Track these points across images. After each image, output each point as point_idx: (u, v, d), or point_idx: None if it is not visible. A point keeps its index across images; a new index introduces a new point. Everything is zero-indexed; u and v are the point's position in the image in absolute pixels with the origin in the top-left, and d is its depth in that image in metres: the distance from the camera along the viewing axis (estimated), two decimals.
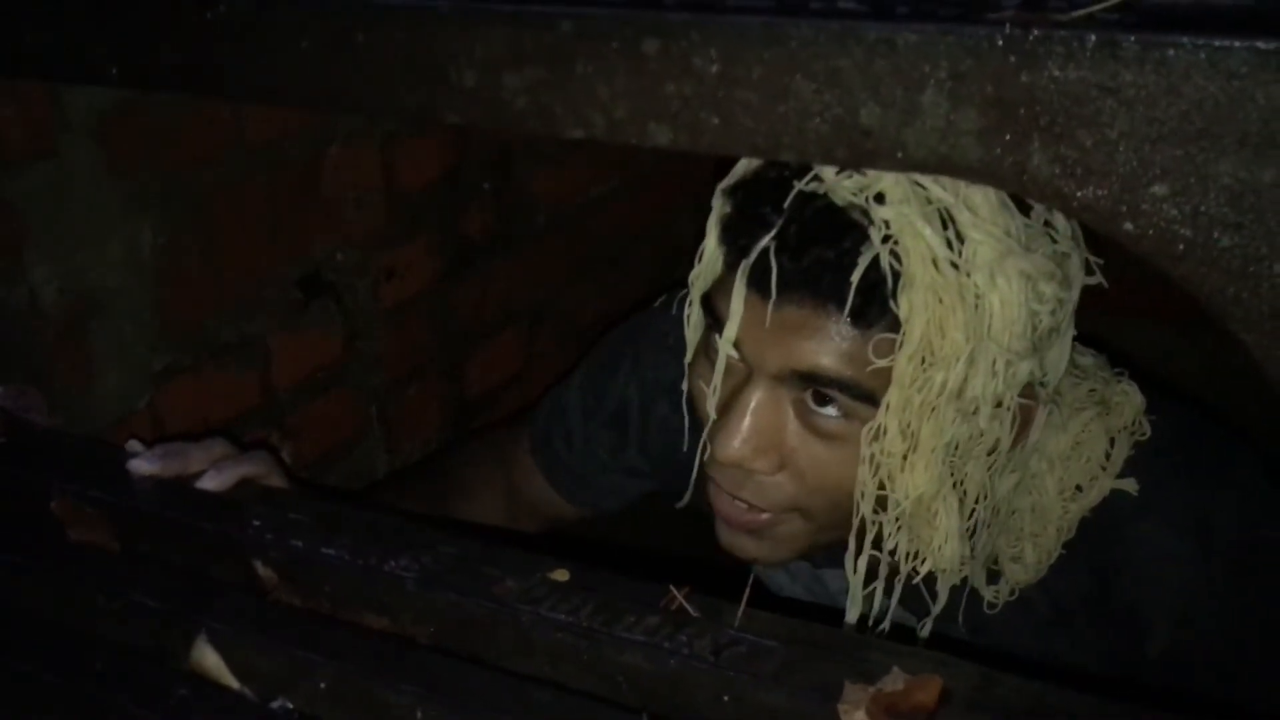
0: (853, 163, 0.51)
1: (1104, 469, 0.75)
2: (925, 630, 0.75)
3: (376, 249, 1.20)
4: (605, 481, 1.00)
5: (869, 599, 0.72)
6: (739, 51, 0.51)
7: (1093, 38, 0.45)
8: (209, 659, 0.62)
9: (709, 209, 0.72)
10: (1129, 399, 0.76)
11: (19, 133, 0.88)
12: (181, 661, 0.63)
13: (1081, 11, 0.46)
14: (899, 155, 0.50)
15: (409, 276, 1.25)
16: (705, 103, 0.52)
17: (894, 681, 0.57)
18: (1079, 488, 0.75)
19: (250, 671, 0.62)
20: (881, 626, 0.73)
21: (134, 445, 0.82)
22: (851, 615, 0.73)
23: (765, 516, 0.72)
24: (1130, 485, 0.75)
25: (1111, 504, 0.75)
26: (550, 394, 1.04)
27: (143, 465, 0.79)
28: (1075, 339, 0.73)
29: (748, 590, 0.63)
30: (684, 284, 0.89)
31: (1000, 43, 0.46)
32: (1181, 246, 0.46)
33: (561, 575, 0.66)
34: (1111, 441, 0.75)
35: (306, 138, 1.10)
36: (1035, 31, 0.46)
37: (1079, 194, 0.47)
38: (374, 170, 1.18)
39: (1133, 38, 0.44)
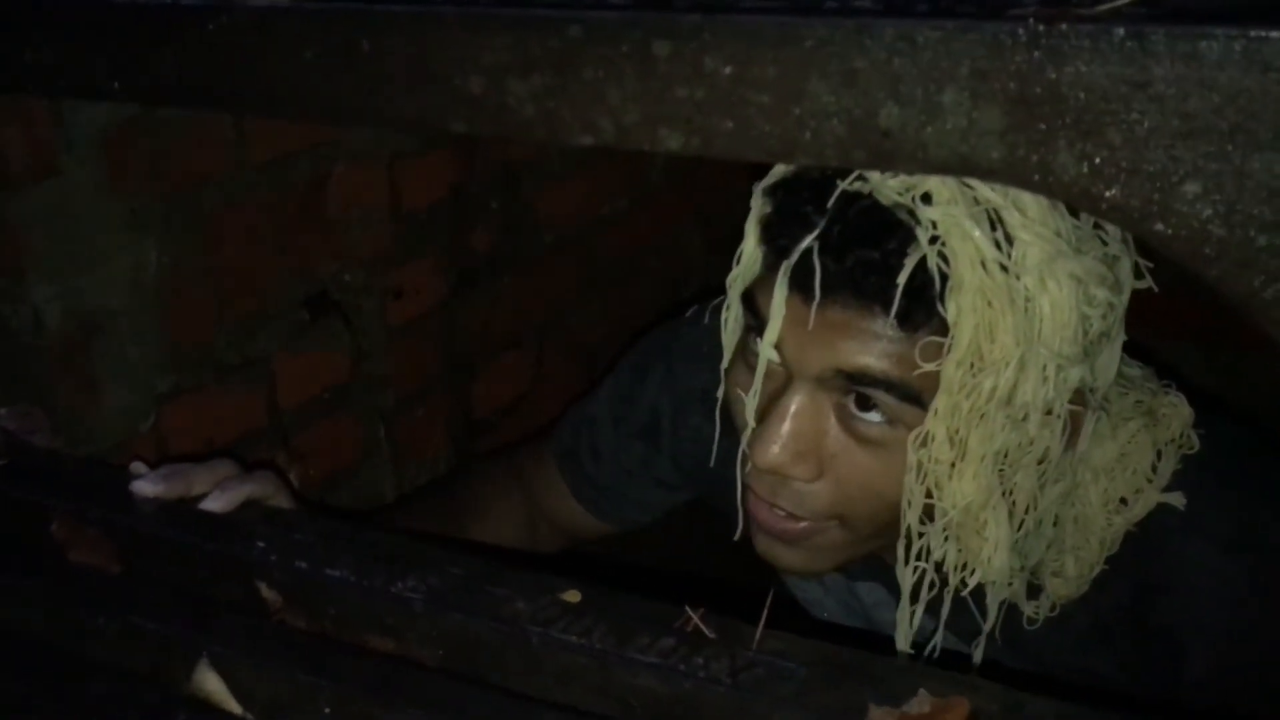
0: (871, 165, 0.50)
1: (1150, 482, 0.73)
2: (978, 650, 0.73)
3: (383, 268, 1.19)
4: (634, 495, 0.98)
5: (912, 614, 0.70)
6: (752, 52, 0.49)
7: (1120, 31, 0.43)
8: (210, 683, 0.60)
9: (714, 227, 0.71)
10: (1177, 411, 0.74)
11: (22, 152, 0.87)
12: (182, 685, 0.61)
13: (1107, 5, 0.45)
14: (919, 157, 0.48)
15: (416, 296, 1.23)
16: (718, 106, 0.51)
17: (920, 704, 0.55)
18: (1124, 500, 0.73)
19: (252, 695, 0.60)
20: (934, 644, 0.71)
21: (138, 467, 0.81)
22: (902, 629, 0.71)
23: (803, 525, 0.71)
24: (1177, 500, 0.73)
25: (1157, 519, 0.73)
26: (574, 407, 1.02)
27: (146, 487, 0.78)
28: (1123, 351, 0.71)
29: (766, 610, 0.61)
30: (700, 299, 0.87)
31: (1024, 38, 0.45)
32: (1215, 247, 0.45)
33: (573, 596, 0.65)
34: (1158, 454, 0.73)
35: (311, 157, 1.09)
36: (1060, 26, 0.44)
37: (1107, 194, 0.46)
38: (380, 189, 1.17)
39: (1162, 30, 0.43)
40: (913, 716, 0.54)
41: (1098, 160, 0.45)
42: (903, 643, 0.71)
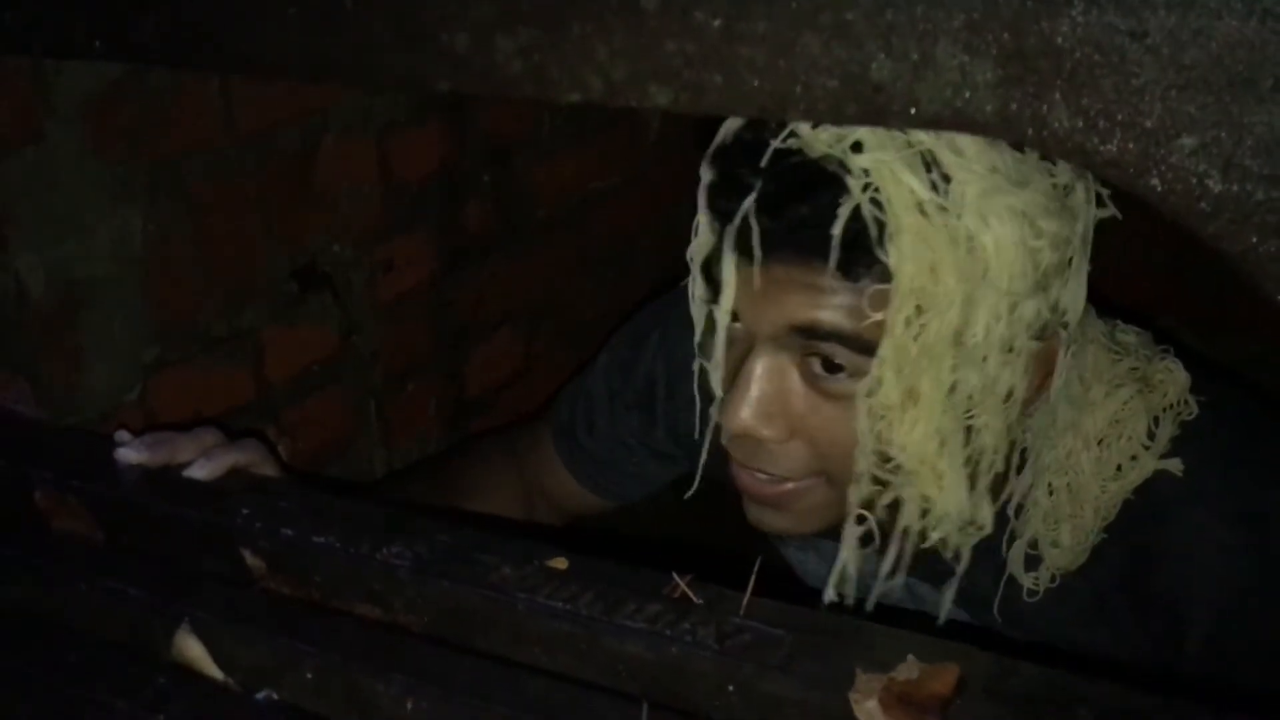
0: (863, 120, 0.49)
1: (1146, 448, 0.72)
2: (947, 601, 0.72)
3: (373, 241, 1.18)
4: (631, 468, 0.97)
5: (888, 572, 0.70)
6: (742, 5, 0.48)
7: None
8: (192, 649, 0.60)
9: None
10: (1173, 377, 0.74)
11: (4, 117, 0.86)
12: (163, 652, 0.61)
13: None
14: (912, 111, 0.47)
15: (406, 270, 1.22)
16: (708, 61, 0.50)
17: (908, 670, 0.54)
18: (1119, 468, 0.72)
19: (234, 662, 0.60)
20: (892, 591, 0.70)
21: (122, 435, 0.80)
22: (834, 581, 0.71)
23: (787, 487, 0.71)
24: (1175, 465, 0.72)
25: (1156, 486, 0.72)
26: (571, 384, 1.01)
27: (130, 454, 0.77)
28: (1118, 317, 0.70)
29: (753, 577, 0.60)
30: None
31: None
32: (1212, 202, 0.44)
33: (560, 563, 0.64)
34: (1155, 421, 0.73)
35: (300, 127, 1.07)
36: None
37: (1102, 148, 0.45)
38: (370, 161, 1.16)
39: None
40: (901, 683, 0.53)
41: (1092, 113, 0.44)
42: (830, 592, 0.71)
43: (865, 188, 0.62)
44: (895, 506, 0.69)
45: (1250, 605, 0.71)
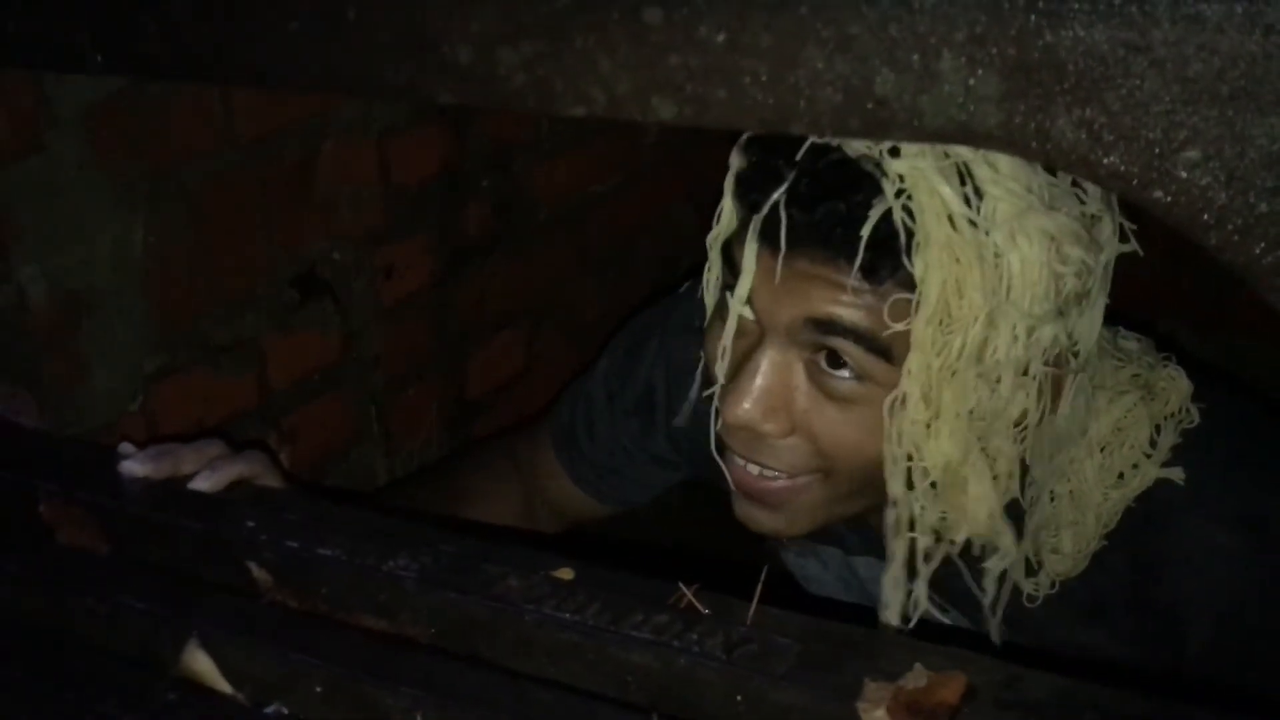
0: (867, 134, 0.49)
1: (1148, 456, 0.72)
2: (993, 627, 0.72)
3: (374, 246, 1.18)
4: (631, 474, 0.97)
5: (909, 590, 0.70)
6: (746, 19, 0.49)
7: None
8: (200, 663, 0.60)
9: (708, 205, 0.70)
10: (1175, 385, 0.74)
11: (5, 128, 0.85)
12: (172, 666, 0.61)
13: None
14: (916, 124, 0.47)
15: (407, 274, 1.22)
16: (711, 75, 0.50)
17: (916, 679, 0.54)
18: (1121, 475, 0.72)
19: (243, 676, 0.60)
20: (916, 615, 0.71)
21: (126, 447, 0.80)
22: (893, 601, 0.70)
23: (781, 484, 0.71)
24: (1176, 474, 0.72)
25: (1157, 494, 0.72)
26: (570, 388, 1.01)
27: (135, 467, 0.77)
28: (1120, 324, 0.70)
29: (760, 586, 0.61)
30: (694, 276, 0.86)
31: (1021, 1, 0.44)
32: (1215, 214, 0.44)
33: (566, 573, 0.64)
34: (1157, 429, 0.73)
35: (300, 132, 1.07)
36: None
37: (1106, 161, 0.45)
38: (370, 166, 1.16)
39: None
40: (909, 691, 0.54)
41: (1096, 126, 0.45)
42: (894, 616, 0.71)
43: (899, 193, 0.62)
44: (914, 524, 0.68)
45: (1250, 609, 0.71)
